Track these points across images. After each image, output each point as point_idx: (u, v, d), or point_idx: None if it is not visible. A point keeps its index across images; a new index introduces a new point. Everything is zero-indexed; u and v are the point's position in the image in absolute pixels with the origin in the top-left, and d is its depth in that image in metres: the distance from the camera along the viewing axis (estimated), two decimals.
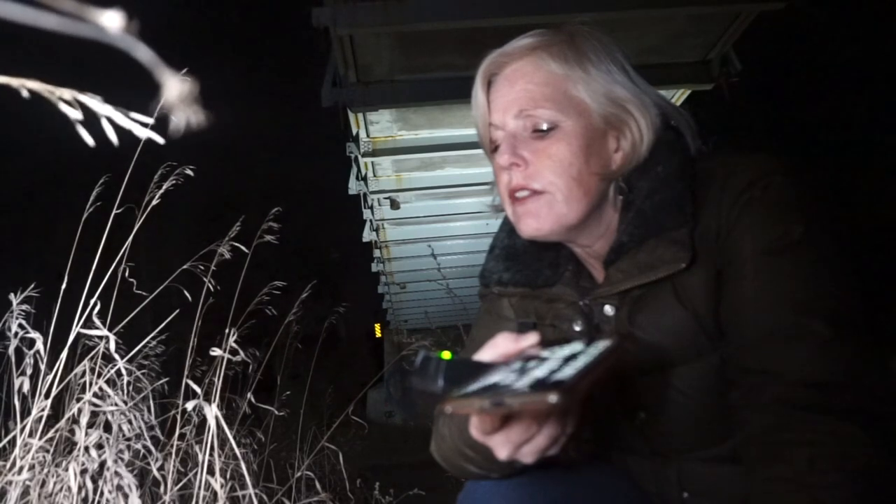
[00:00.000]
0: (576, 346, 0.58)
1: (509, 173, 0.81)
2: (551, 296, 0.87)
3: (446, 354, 0.62)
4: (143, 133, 0.31)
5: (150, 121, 0.31)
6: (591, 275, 0.88)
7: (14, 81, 0.31)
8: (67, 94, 0.31)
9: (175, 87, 0.29)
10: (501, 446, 0.63)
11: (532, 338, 0.63)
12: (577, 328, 0.84)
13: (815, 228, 0.72)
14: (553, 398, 0.48)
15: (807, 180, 0.76)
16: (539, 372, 0.53)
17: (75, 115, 0.31)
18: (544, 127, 0.79)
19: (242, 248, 1.88)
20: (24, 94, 0.32)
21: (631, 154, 0.81)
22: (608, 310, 0.81)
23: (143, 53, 0.28)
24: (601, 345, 0.57)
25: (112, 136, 0.32)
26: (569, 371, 0.51)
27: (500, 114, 0.82)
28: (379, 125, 4.35)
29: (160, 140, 0.32)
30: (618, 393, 0.83)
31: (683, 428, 0.80)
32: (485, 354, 0.64)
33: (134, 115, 0.31)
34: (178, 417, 1.76)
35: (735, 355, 0.73)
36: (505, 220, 0.95)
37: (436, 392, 0.58)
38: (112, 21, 0.27)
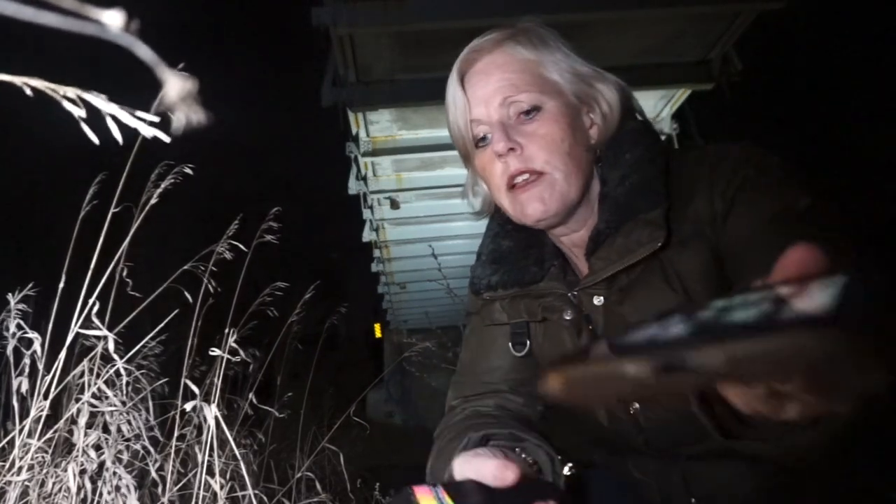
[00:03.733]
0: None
1: (506, 161, 0.82)
2: (540, 291, 0.88)
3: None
4: (149, 131, 0.31)
5: (156, 119, 0.31)
6: (576, 270, 0.90)
7: (17, 79, 0.31)
8: (71, 91, 0.30)
9: (175, 86, 0.28)
10: None
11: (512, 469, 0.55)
12: (568, 317, 0.85)
13: (819, 197, 0.73)
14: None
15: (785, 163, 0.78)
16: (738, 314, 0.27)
17: (79, 112, 0.31)
18: (529, 110, 0.82)
19: (241, 247, 1.87)
20: (28, 91, 0.31)
21: (604, 127, 0.85)
22: (596, 301, 0.82)
23: (143, 52, 0.28)
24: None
25: (117, 134, 0.31)
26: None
27: (482, 107, 0.83)
28: (379, 125, 4.34)
29: (166, 138, 0.31)
30: None
31: (677, 416, 0.79)
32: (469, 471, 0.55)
33: (139, 113, 0.31)
34: (178, 418, 1.75)
35: None
36: (489, 227, 0.97)
37: None
38: (112, 19, 0.27)
